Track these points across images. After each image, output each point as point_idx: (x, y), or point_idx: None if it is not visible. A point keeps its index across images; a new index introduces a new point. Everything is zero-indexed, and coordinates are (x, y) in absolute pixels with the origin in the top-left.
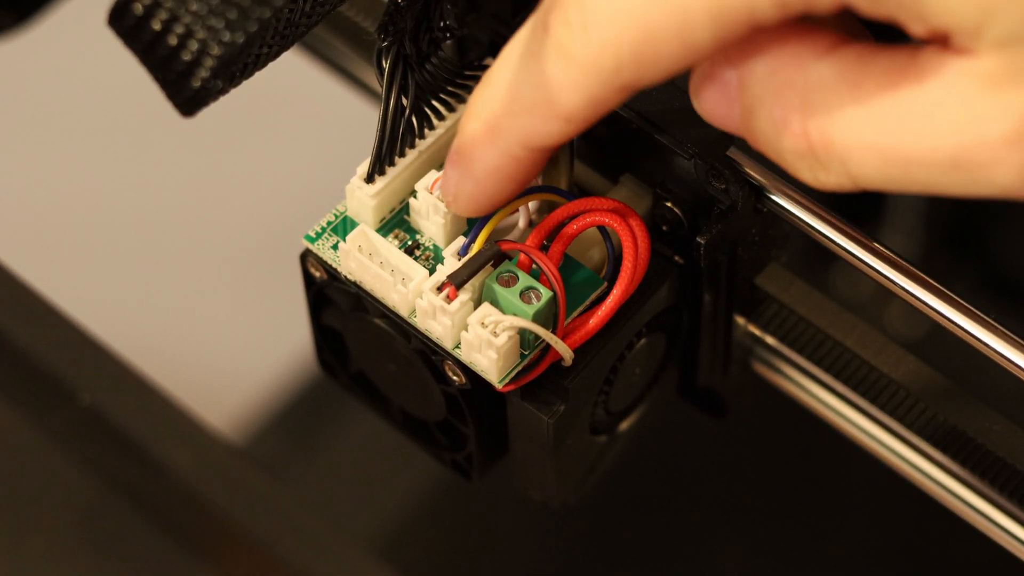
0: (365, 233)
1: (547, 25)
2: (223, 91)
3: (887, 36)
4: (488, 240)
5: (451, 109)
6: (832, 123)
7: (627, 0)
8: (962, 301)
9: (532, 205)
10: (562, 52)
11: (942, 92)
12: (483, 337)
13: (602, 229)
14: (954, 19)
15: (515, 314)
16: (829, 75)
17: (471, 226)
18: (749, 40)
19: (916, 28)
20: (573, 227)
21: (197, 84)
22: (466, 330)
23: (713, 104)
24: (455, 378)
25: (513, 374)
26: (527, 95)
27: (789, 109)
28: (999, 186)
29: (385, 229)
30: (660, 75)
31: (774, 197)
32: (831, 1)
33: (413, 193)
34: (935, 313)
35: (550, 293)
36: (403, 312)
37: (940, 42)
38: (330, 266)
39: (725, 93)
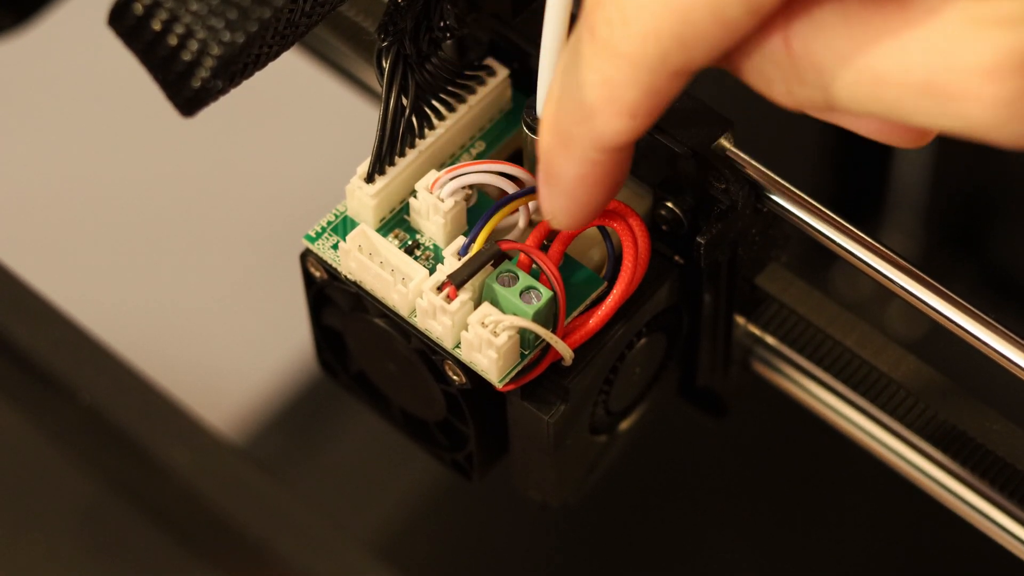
0: (365, 233)
1: (591, 27)
2: (223, 91)
3: None
4: (488, 240)
5: (451, 109)
6: (813, 33)
7: None
8: (962, 301)
9: (532, 205)
10: (609, 50)
11: (926, 18)
12: (483, 337)
13: (602, 229)
14: None
15: (515, 314)
16: None
17: (471, 226)
18: None
19: None
20: None
21: (197, 84)
22: (466, 330)
23: None
24: (455, 378)
25: (513, 374)
26: (588, 99)
27: (772, 18)
28: (969, 120)
29: (385, 229)
30: (708, 54)
31: (774, 197)
32: None
33: (413, 193)
34: (935, 313)
35: (550, 293)
36: (403, 312)
37: None
38: (330, 266)
39: None
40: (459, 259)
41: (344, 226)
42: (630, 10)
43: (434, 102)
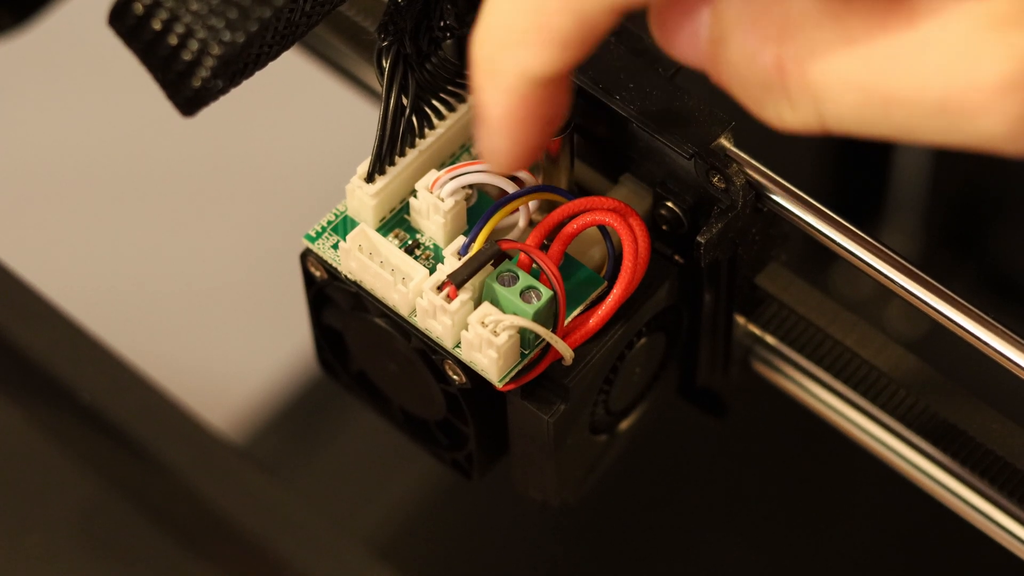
0: (365, 232)
1: None
2: (223, 91)
3: None
4: (488, 239)
5: (451, 108)
6: (811, 55)
7: None
8: (962, 301)
9: (532, 205)
10: None
11: (938, 29)
12: (483, 336)
13: (602, 228)
14: None
15: (515, 313)
16: (812, 6)
17: (471, 225)
18: None
19: None
20: (573, 226)
21: (197, 84)
22: (466, 329)
23: (678, 32)
24: (455, 377)
25: (513, 373)
26: (517, 25)
27: (765, 39)
28: (982, 135)
29: (385, 228)
30: None
31: (774, 197)
32: None
33: (413, 192)
34: (935, 312)
35: (550, 292)
36: (403, 311)
37: None
38: (330, 265)
39: (692, 19)
40: (459, 259)
41: (344, 226)
42: None
43: (434, 101)
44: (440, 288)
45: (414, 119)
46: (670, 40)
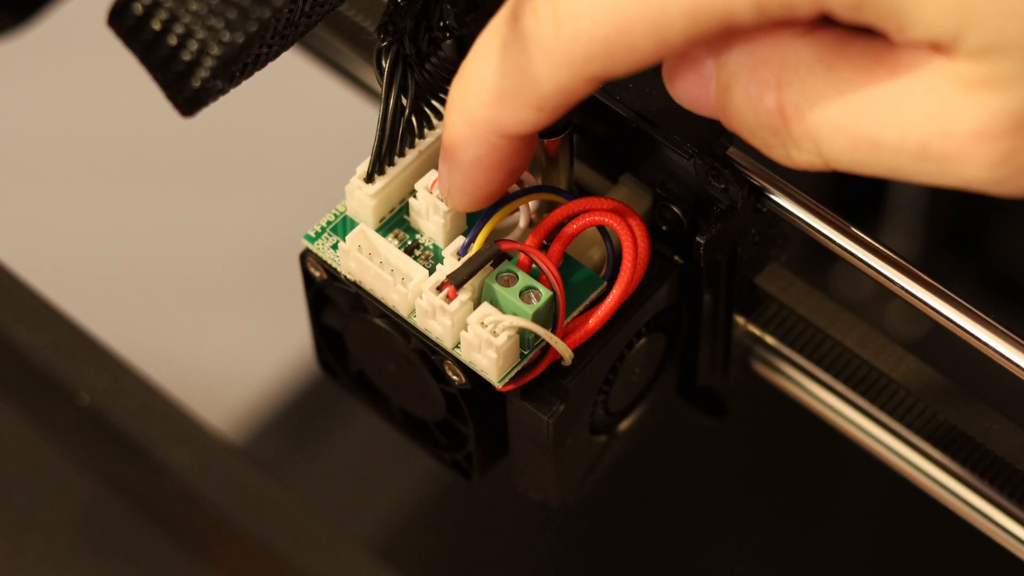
0: (365, 233)
1: (516, 16)
2: (223, 91)
3: None
4: (488, 240)
5: None
6: (806, 101)
7: None
8: (962, 301)
9: (532, 205)
10: (533, 43)
11: (916, 84)
12: (483, 337)
13: (602, 229)
14: (933, 31)
15: (515, 314)
16: (806, 55)
17: (471, 226)
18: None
19: (897, 38)
20: (573, 227)
21: (197, 84)
22: (466, 330)
23: (688, 85)
24: (455, 378)
25: (513, 374)
26: (500, 85)
27: (765, 86)
28: (965, 179)
29: (385, 229)
30: (631, 68)
31: (774, 197)
32: (809, 8)
33: (413, 193)
34: (935, 313)
35: (550, 293)
36: (403, 312)
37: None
38: (330, 266)
39: (700, 73)
40: (459, 259)
41: (344, 226)
42: (564, 8)
43: (434, 102)
44: (440, 288)
45: (413, 119)
46: (682, 93)
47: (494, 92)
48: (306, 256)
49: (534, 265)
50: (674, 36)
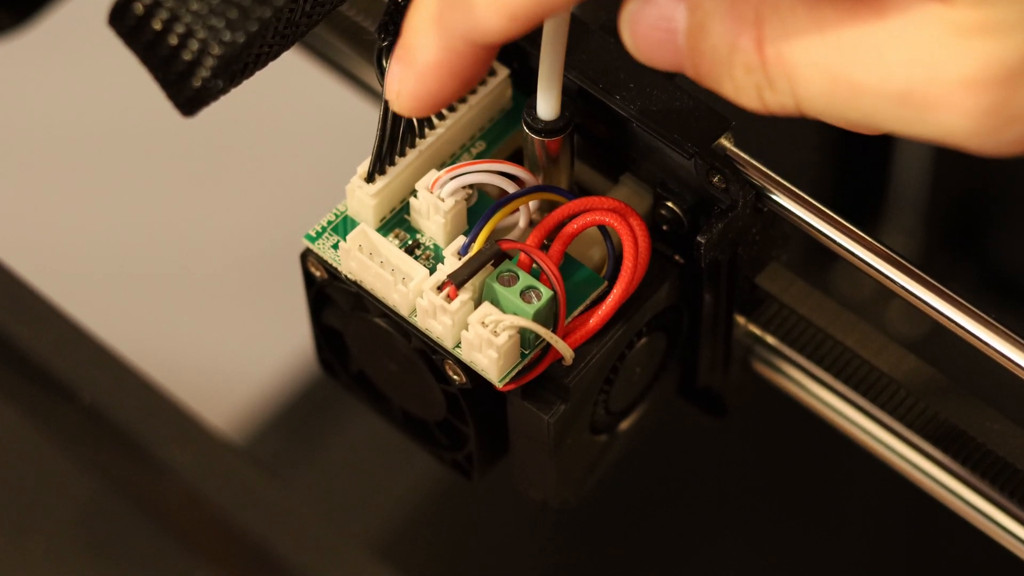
0: (365, 232)
1: None
2: (223, 91)
3: None
4: (488, 239)
5: (451, 108)
6: (785, 39)
7: None
8: (962, 301)
9: (533, 205)
10: None
11: (904, 26)
12: (483, 336)
13: (602, 228)
14: None
15: (515, 313)
16: None
17: (471, 225)
18: None
19: None
20: (573, 226)
21: (198, 84)
22: (466, 329)
23: (653, 31)
24: (455, 377)
25: (513, 373)
26: None
27: (743, 23)
28: (945, 128)
29: (385, 228)
30: None
31: (774, 197)
32: None
33: (413, 192)
34: (935, 313)
35: (550, 292)
36: (403, 311)
37: None
38: (330, 265)
39: (668, 17)
40: (459, 259)
41: (344, 226)
42: None
43: None
44: (440, 288)
45: (414, 119)
46: (644, 40)
47: None
48: (307, 256)
49: (535, 265)
50: None
